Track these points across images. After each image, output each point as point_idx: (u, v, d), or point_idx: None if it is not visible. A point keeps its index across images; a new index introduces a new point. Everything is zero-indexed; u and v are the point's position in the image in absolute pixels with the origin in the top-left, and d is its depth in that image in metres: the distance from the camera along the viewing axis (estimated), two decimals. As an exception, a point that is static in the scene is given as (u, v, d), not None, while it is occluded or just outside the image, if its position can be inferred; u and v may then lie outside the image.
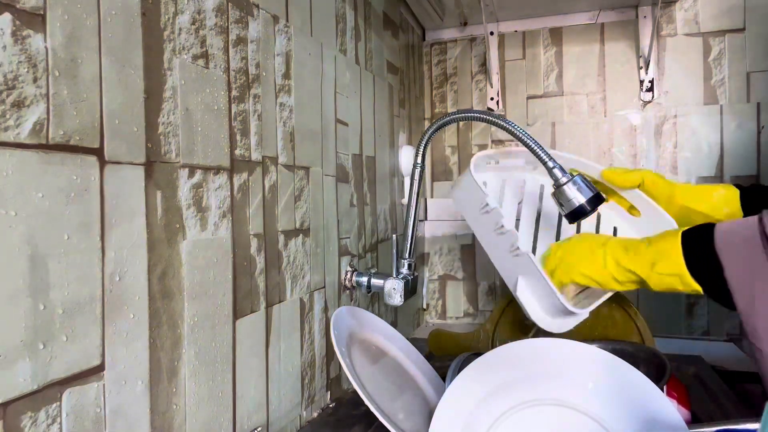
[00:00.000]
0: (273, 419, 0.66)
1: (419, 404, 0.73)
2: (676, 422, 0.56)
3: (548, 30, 1.31)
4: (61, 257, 0.39)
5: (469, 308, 1.38)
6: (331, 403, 0.81)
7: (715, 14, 1.19)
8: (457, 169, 1.38)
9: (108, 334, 0.42)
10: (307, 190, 0.75)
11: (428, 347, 1.05)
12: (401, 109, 1.20)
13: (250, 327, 0.62)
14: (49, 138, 0.38)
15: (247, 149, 0.61)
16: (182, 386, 0.51)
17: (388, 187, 1.10)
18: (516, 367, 0.64)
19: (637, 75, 1.25)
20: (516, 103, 1.34)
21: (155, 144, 0.48)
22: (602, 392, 0.60)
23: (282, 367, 0.68)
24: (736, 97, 1.18)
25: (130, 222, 0.45)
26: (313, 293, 0.76)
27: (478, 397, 0.62)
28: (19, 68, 0.36)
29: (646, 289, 0.69)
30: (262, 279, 0.64)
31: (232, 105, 0.59)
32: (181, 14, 0.51)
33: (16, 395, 0.35)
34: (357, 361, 0.68)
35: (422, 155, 0.81)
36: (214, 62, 0.56)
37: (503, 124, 0.70)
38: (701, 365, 0.94)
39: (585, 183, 0.67)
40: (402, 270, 0.84)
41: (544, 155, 0.68)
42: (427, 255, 1.41)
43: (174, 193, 0.50)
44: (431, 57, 1.41)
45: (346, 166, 0.88)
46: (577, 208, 0.66)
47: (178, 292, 0.50)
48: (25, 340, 0.36)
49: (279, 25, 0.68)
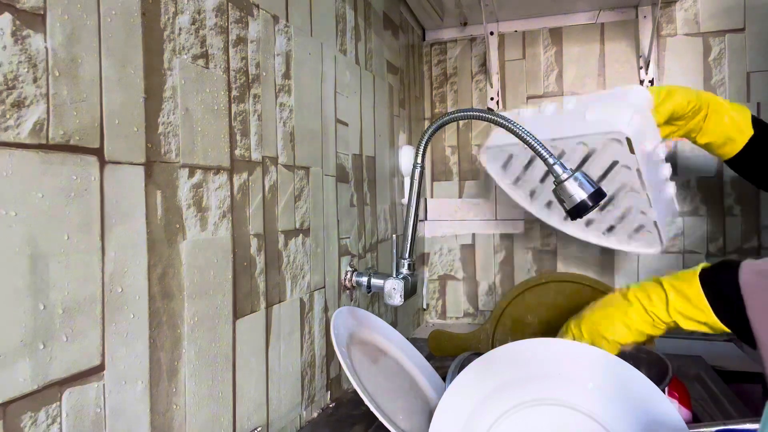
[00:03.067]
0: (273, 419, 0.66)
1: (419, 404, 0.73)
2: (677, 423, 0.56)
3: (548, 30, 1.31)
4: (61, 257, 0.39)
5: (469, 308, 1.38)
6: (331, 403, 0.81)
7: (715, 14, 1.19)
8: (457, 169, 1.38)
9: (108, 334, 0.42)
10: (307, 190, 0.75)
11: (428, 347, 1.05)
12: (401, 109, 1.20)
13: (250, 327, 0.62)
14: (49, 138, 0.38)
15: (247, 149, 0.61)
16: (182, 386, 0.51)
17: (388, 187, 1.10)
18: (516, 367, 0.64)
19: (637, 75, 1.25)
20: (516, 103, 1.34)
21: (155, 144, 0.48)
22: (602, 392, 0.60)
23: (282, 367, 0.68)
24: (736, 97, 1.18)
25: (130, 222, 0.45)
26: (313, 293, 0.76)
27: (478, 397, 0.62)
28: (19, 68, 0.36)
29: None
30: (262, 279, 0.64)
31: (232, 105, 0.59)
32: (181, 14, 0.51)
33: (16, 395, 0.35)
34: (357, 361, 0.68)
35: (422, 155, 0.81)
36: (214, 62, 0.56)
37: (502, 121, 0.70)
38: (701, 365, 0.94)
39: (586, 179, 0.67)
40: (402, 270, 0.84)
41: (544, 152, 0.68)
42: (427, 255, 1.41)
43: (174, 193, 0.50)
44: (431, 57, 1.41)
45: (346, 166, 0.88)
46: (578, 204, 0.66)
47: (178, 292, 0.50)
48: (25, 340, 0.36)
49: (279, 25, 0.68)
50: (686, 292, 0.66)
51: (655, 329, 0.69)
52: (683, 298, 0.66)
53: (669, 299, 0.67)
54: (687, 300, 0.66)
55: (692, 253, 1.20)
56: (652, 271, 1.22)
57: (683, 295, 0.66)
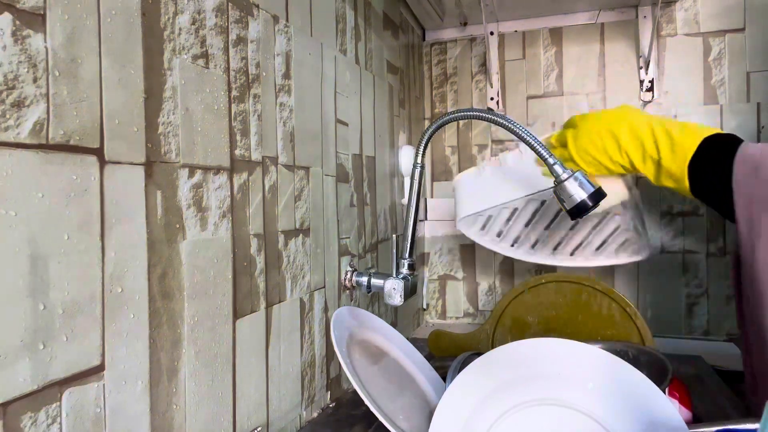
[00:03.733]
0: (273, 419, 0.66)
1: (419, 404, 0.73)
2: (677, 423, 0.56)
3: (548, 30, 1.31)
4: (61, 257, 0.39)
5: (469, 308, 1.38)
6: (331, 403, 0.81)
7: (715, 14, 1.19)
8: (457, 169, 1.38)
9: (108, 334, 0.42)
10: (307, 190, 0.75)
11: (428, 347, 1.05)
12: (401, 109, 1.20)
13: (250, 327, 0.62)
14: (49, 138, 0.38)
15: (247, 149, 0.61)
16: (182, 386, 0.51)
17: (388, 187, 1.10)
18: (516, 367, 0.64)
19: (637, 75, 1.25)
20: (516, 103, 1.34)
21: (155, 144, 0.48)
22: (602, 392, 0.60)
23: (282, 367, 0.68)
24: (736, 97, 1.18)
25: (130, 222, 0.45)
26: (313, 293, 0.76)
27: (478, 397, 0.62)
28: (19, 68, 0.36)
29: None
30: (262, 279, 0.64)
31: (232, 105, 0.59)
32: (181, 14, 0.51)
33: (16, 395, 0.35)
34: (357, 361, 0.68)
35: (422, 155, 0.81)
36: (214, 62, 0.56)
37: (502, 121, 0.70)
38: (701, 365, 0.94)
39: (586, 179, 0.67)
40: (402, 270, 0.84)
41: (544, 152, 0.68)
42: (427, 255, 1.41)
43: (174, 193, 0.50)
44: (431, 57, 1.41)
45: (346, 166, 0.88)
46: (578, 204, 0.66)
47: (178, 292, 0.50)
48: (25, 340, 0.36)
49: (279, 25, 0.68)
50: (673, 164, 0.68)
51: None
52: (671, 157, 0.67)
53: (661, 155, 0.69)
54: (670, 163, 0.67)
55: (692, 252, 1.20)
56: (652, 271, 1.22)
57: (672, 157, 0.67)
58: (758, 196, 0.60)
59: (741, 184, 0.61)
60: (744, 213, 0.61)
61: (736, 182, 0.61)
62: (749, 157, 0.62)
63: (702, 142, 0.66)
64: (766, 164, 0.60)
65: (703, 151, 0.65)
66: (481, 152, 1.37)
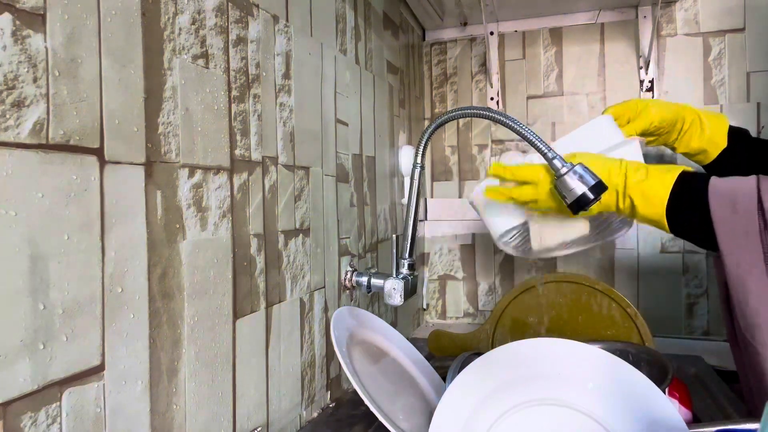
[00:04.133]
0: (273, 419, 0.66)
1: (419, 404, 0.73)
2: (677, 423, 0.56)
3: (548, 30, 1.31)
4: (61, 257, 0.39)
5: (469, 308, 1.38)
6: (331, 403, 0.81)
7: (715, 14, 1.19)
8: (457, 169, 1.38)
9: (108, 334, 0.42)
10: (307, 190, 0.75)
11: (428, 347, 1.05)
12: (401, 109, 1.20)
13: (250, 327, 0.62)
14: (49, 138, 0.38)
15: (247, 149, 0.61)
16: (182, 386, 0.51)
17: (388, 187, 1.10)
18: (516, 367, 0.64)
19: (637, 75, 1.25)
20: (516, 103, 1.34)
21: (155, 144, 0.48)
22: (602, 392, 0.60)
23: (282, 367, 0.68)
24: (736, 97, 1.18)
25: (130, 222, 0.45)
26: (313, 293, 0.76)
27: (478, 397, 0.62)
28: (19, 68, 0.36)
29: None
30: (262, 279, 0.64)
31: (232, 105, 0.59)
32: (181, 14, 0.51)
33: (16, 395, 0.35)
34: (357, 361, 0.68)
35: (422, 155, 0.81)
36: (214, 62, 0.56)
37: (502, 118, 0.70)
38: (701, 365, 0.94)
39: (586, 171, 0.66)
40: (402, 270, 0.84)
41: (543, 147, 0.68)
42: (427, 255, 1.41)
43: (174, 193, 0.50)
44: (431, 57, 1.41)
45: (346, 166, 0.88)
46: (579, 197, 0.66)
47: (178, 292, 0.50)
48: (25, 340, 0.36)
49: (279, 25, 0.68)
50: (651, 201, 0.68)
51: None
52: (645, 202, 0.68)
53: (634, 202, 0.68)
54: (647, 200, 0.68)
55: (692, 253, 1.20)
56: (652, 271, 1.22)
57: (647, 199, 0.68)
58: (739, 231, 0.61)
59: (720, 222, 0.63)
60: (727, 247, 0.62)
61: (716, 220, 0.63)
62: (724, 194, 0.63)
63: (673, 186, 0.67)
64: (741, 199, 0.62)
65: (676, 196, 0.66)
66: (481, 152, 1.37)
